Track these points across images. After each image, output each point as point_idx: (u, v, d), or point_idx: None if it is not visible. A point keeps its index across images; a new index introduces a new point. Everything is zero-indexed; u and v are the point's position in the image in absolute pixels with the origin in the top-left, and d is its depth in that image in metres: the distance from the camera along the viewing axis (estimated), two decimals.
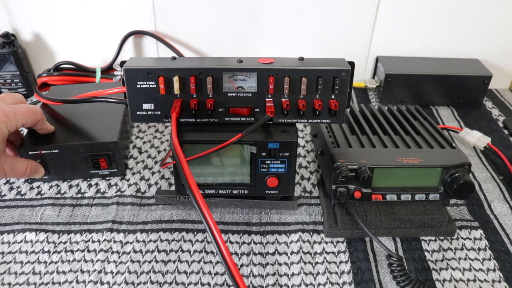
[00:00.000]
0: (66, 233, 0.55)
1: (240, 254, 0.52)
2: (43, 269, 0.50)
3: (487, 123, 0.81)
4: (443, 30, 0.88)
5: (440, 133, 0.61)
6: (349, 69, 0.49)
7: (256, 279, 0.49)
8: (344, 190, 0.54)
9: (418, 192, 0.54)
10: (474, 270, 0.51)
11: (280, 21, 0.87)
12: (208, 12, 0.85)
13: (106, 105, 0.65)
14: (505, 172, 0.67)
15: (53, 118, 0.65)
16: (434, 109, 0.86)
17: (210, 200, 0.57)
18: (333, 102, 0.50)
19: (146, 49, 0.90)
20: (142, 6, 0.84)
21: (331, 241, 0.54)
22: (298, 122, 0.53)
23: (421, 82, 0.84)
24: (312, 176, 0.65)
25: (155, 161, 0.68)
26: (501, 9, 0.85)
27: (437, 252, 0.53)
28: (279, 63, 0.49)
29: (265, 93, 0.50)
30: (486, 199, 0.62)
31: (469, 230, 0.56)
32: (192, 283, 0.49)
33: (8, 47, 0.81)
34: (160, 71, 0.49)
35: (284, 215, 0.58)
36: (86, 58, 0.89)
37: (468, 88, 0.84)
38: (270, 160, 0.52)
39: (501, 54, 0.90)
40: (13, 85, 0.84)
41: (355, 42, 0.89)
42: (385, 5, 0.84)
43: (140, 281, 0.49)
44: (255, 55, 0.90)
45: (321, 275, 0.50)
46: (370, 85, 0.89)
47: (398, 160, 0.53)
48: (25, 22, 0.85)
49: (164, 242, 0.54)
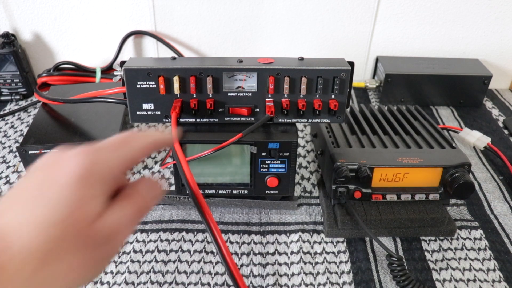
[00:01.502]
0: None
1: (240, 254, 0.52)
2: None
3: (487, 123, 0.80)
4: (443, 30, 0.88)
5: (440, 133, 0.61)
6: (349, 69, 0.49)
7: (256, 279, 0.49)
8: (344, 190, 0.54)
9: (418, 192, 0.54)
10: (474, 270, 0.51)
11: (280, 21, 0.87)
12: (208, 12, 0.85)
13: (106, 105, 0.65)
14: (505, 172, 0.67)
15: (53, 118, 0.65)
16: (434, 109, 0.86)
17: (210, 200, 0.57)
18: (333, 102, 0.50)
19: (146, 49, 0.90)
20: (142, 6, 0.84)
21: (331, 241, 0.54)
22: (298, 122, 0.53)
23: (421, 82, 0.84)
24: (312, 176, 0.65)
25: (155, 161, 0.68)
26: (501, 9, 0.85)
27: (437, 252, 0.53)
28: (279, 63, 0.49)
29: (265, 93, 0.50)
30: (486, 199, 0.62)
31: (469, 230, 0.56)
32: (192, 283, 0.49)
33: (8, 47, 0.81)
34: (160, 71, 0.49)
35: (284, 215, 0.58)
36: (86, 58, 0.89)
37: (468, 88, 0.84)
38: (270, 160, 0.52)
39: (501, 54, 0.90)
40: (13, 85, 0.84)
41: (355, 42, 0.89)
42: (385, 5, 0.84)
43: (140, 281, 0.49)
44: (255, 55, 0.90)
45: (321, 275, 0.50)
46: (370, 85, 0.89)
47: (398, 160, 0.53)
48: (25, 22, 0.85)
49: (164, 242, 0.54)
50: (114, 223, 0.27)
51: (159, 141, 0.32)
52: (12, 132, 0.75)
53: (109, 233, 0.26)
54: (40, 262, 0.23)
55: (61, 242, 0.24)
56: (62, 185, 0.25)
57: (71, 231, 0.24)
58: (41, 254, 0.23)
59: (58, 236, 0.24)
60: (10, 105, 0.83)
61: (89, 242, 0.25)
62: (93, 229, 0.25)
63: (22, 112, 0.81)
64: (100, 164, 0.27)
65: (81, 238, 0.25)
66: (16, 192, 0.26)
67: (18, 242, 0.22)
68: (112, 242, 0.27)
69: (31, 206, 0.24)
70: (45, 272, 0.23)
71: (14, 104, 0.84)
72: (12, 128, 0.76)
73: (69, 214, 0.24)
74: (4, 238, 0.22)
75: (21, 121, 0.78)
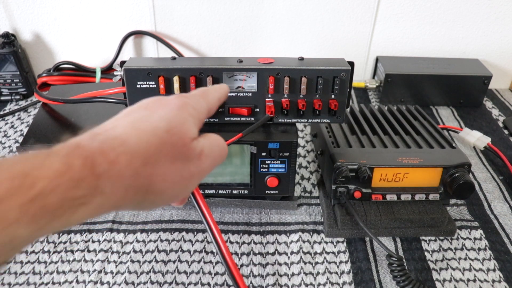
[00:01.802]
0: (66, 233, 0.55)
1: (240, 254, 0.52)
2: (43, 269, 0.50)
3: (487, 123, 0.80)
4: (443, 30, 0.88)
5: (440, 133, 0.61)
6: (349, 69, 0.49)
7: (256, 279, 0.49)
8: (344, 190, 0.54)
9: (418, 192, 0.54)
10: (474, 270, 0.51)
11: (280, 21, 0.87)
12: (208, 12, 0.85)
13: (106, 105, 0.65)
14: (505, 172, 0.67)
15: (53, 118, 0.65)
16: (434, 109, 0.86)
17: (210, 200, 0.57)
18: (333, 102, 0.50)
19: (146, 49, 0.90)
20: (142, 6, 0.84)
21: (331, 241, 0.54)
22: (298, 122, 0.53)
23: (421, 82, 0.84)
24: (312, 176, 0.65)
25: None
26: (501, 9, 0.85)
27: (437, 252, 0.53)
28: (279, 63, 0.49)
29: (265, 93, 0.50)
30: (486, 199, 0.62)
31: (469, 230, 0.56)
32: (192, 283, 0.49)
33: (8, 47, 0.81)
34: (160, 71, 0.49)
35: (284, 215, 0.58)
36: (86, 58, 0.89)
37: (468, 88, 0.84)
38: (270, 160, 0.52)
39: (501, 54, 0.90)
40: (13, 85, 0.84)
41: (355, 42, 0.89)
42: (385, 5, 0.84)
43: (140, 281, 0.49)
44: (255, 55, 0.90)
45: (321, 275, 0.50)
46: (370, 85, 0.89)
47: (398, 160, 0.53)
48: (25, 22, 0.85)
49: (164, 242, 0.54)
50: (204, 147, 0.33)
51: (223, 95, 0.41)
52: (12, 132, 0.75)
53: (199, 153, 0.32)
54: (144, 161, 0.28)
55: (161, 148, 0.29)
56: (165, 109, 0.32)
57: (169, 142, 0.30)
58: (145, 154, 0.28)
59: (158, 144, 0.29)
60: (10, 105, 0.83)
61: (182, 155, 0.31)
62: (187, 145, 0.31)
63: (22, 112, 0.81)
64: (192, 104, 0.34)
65: (177, 150, 0.30)
66: (127, 112, 0.32)
67: (129, 142, 0.28)
68: (202, 163, 0.32)
69: (139, 121, 0.30)
70: (147, 171, 0.28)
71: (14, 104, 0.84)
72: (12, 128, 0.76)
73: (168, 129, 0.30)
74: (118, 138, 0.28)
75: (21, 121, 0.78)
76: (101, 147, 0.26)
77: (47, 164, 0.23)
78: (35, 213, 0.22)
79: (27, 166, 0.23)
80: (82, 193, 0.24)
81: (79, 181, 0.24)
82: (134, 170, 0.27)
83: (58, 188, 0.23)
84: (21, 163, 0.23)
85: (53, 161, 0.23)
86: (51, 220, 0.23)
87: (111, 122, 0.30)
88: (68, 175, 0.23)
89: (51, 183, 0.22)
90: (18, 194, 0.21)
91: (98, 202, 0.25)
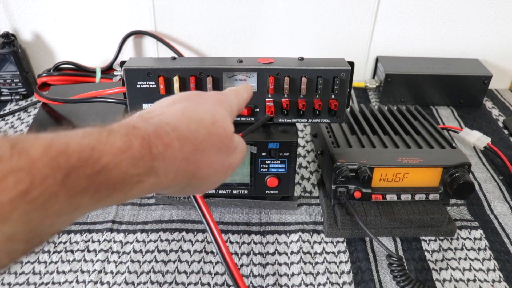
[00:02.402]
0: (66, 233, 0.55)
1: (240, 254, 0.52)
2: (43, 269, 0.50)
3: (487, 123, 0.80)
4: (443, 30, 0.88)
5: (440, 133, 0.61)
6: (349, 69, 0.49)
7: (256, 279, 0.49)
8: (344, 190, 0.54)
9: (418, 192, 0.54)
10: (474, 270, 0.51)
11: (280, 21, 0.87)
12: (208, 12, 0.85)
13: (106, 105, 0.65)
14: (505, 172, 0.67)
15: (53, 118, 0.65)
16: (434, 109, 0.86)
17: (210, 200, 0.57)
18: (333, 102, 0.50)
19: (146, 49, 0.90)
20: (142, 6, 0.84)
21: (331, 241, 0.54)
22: (298, 122, 0.53)
23: (421, 82, 0.84)
24: (312, 176, 0.65)
25: None
26: (501, 9, 0.85)
27: (437, 252, 0.53)
28: (279, 63, 0.49)
29: (265, 93, 0.50)
30: (486, 199, 0.62)
31: (469, 230, 0.56)
32: (192, 283, 0.49)
33: (8, 47, 0.81)
34: (160, 71, 0.49)
35: (284, 215, 0.58)
36: (86, 58, 0.89)
37: (468, 88, 0.84)
38: (270, 160, 0.52)
39: (501, 54, 0.90)
40: (13, 85, 0.84)
41: (355, 42, 0.89)
42: (385, 5, 0.84)
43: (140, 281, 0.49)
44: (255, 55, 0.90)
45: (321, 275, 0.50)
46: (370, 85, 0.89)
47: (398, 160, 0.53)
48: (25, 22, 0.85)
49: (164, 242, 0.54)
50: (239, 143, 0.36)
51: (250, 96, 0.44)
52: (12, 132, 0.75)
53: (235, 147, 0.35)
54: (194, 147, 0.30)
55: (208, 138, 0.31)
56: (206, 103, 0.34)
57: (215, 134, 0.32)
58: (195, 142, 0.30)
59: (206, 133, 0.31)
60: (10, 105, 0.83)
61: (225, 147, 0.33)
62: (229, 138, 0.34)
63: (22, 112, 0.81)
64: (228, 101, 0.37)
65: (221, 141, 0.33)
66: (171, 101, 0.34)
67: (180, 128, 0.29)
68: (236, 157, 0.36)
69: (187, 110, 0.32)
70: (196, 157, 0.30)
71: (14, 104, 0.84)
72: (12, 128, 0.76)
73: (214, 122, 0.33)
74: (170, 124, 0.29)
75: (21, 121, 0.78)
76: (157, 131, 0.28)
77: (110, 140, 0.24)
78: (99, 185, 0.23)
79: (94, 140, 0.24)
80: (139, 171, 0.25)
81: (138, 160, 0.25)
82: (185, 155, 0.29)
83: (120, 164, 0.24)
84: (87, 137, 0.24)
85: (116, 138, 0.25)
86: (111, 193, 0.24)
87: (157, 109, 0.32)
88: (129, 153, 0.25)
89: (115, 159, 0.24)
90: (87, 166, 0.22)
91: (151, 182, 0.26)
